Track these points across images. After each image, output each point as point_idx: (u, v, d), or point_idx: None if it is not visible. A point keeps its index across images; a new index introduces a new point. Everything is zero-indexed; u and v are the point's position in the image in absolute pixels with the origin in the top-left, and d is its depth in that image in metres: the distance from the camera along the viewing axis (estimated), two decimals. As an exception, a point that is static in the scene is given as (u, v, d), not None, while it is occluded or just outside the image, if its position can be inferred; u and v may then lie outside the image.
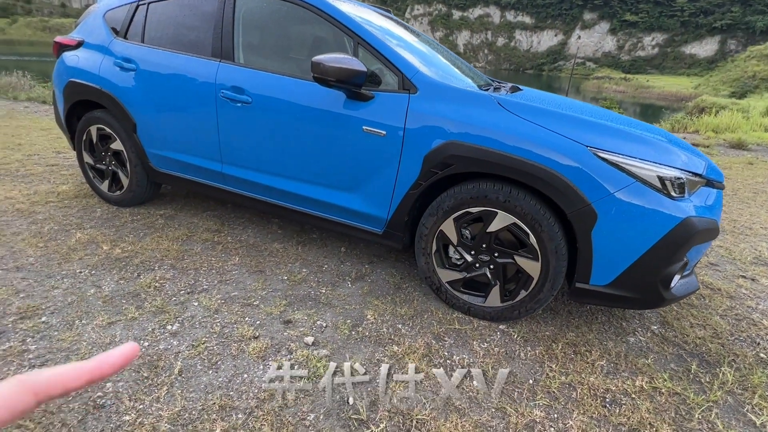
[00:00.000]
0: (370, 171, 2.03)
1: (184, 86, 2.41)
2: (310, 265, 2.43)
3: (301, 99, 2.11)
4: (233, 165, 2.40)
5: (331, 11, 2.09)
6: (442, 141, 1.83)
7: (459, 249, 1.97)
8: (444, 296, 2.07)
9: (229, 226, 2.83)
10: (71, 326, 1.76)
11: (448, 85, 1.94)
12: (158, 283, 2.12)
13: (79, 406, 1.39)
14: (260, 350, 1.70)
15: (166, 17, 2.56)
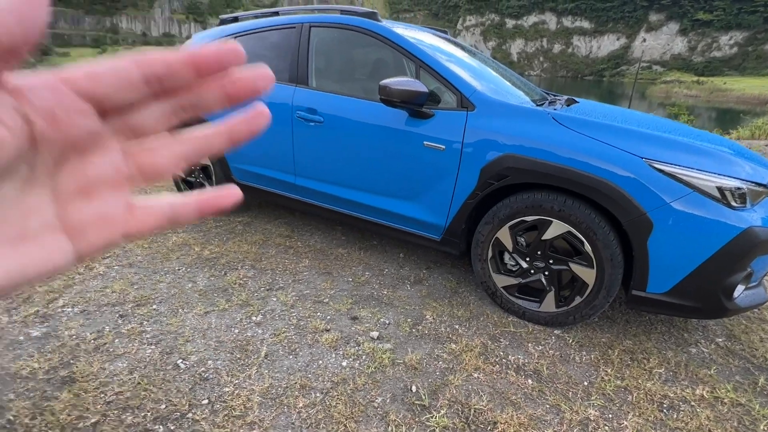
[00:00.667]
0: (429, 182, 2.21)
1: (264, 108, 2.74)
2: (372, 268, 2.64)
3: (367, 118, 2.34)
4: (305, 177, 2.69)
5: (395, 39, 2.32)
6: (498, 154, 1.97)
7: (514, 255, 2.08)
8: (499, 300, 2.18)
9: (299, 232, 3.13)
10: (176, 313, 2.09)
11: (504, 102, 2.08)
12: (242, 280, 2.42)
13: (189, 377, 1.68)
14: (332, 341, 1.92)
15: (249, 49, 2.91)
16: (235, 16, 3.21)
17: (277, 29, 2.79)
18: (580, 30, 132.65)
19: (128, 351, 1.81)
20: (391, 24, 2.54)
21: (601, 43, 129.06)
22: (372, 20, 2.44)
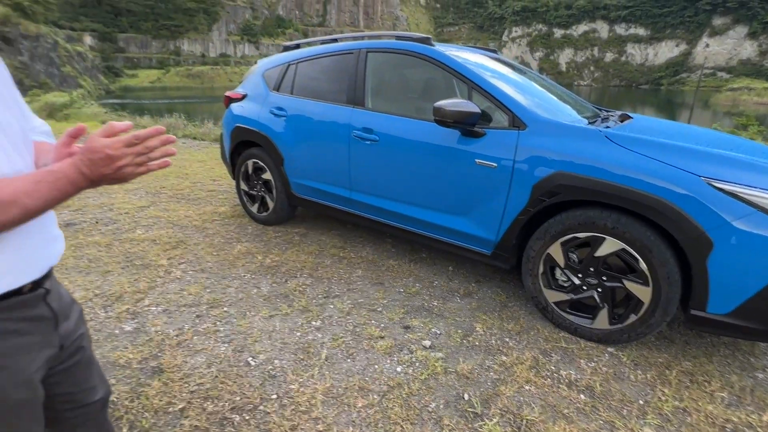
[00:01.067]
0: (481, 198, 2.29)
1: (323, 128, 2.96)
2: (422, 280, 2.73)
3: (420, 136, 2.47)
4: (360, 192, 2.85)
5: (448, 62, 2.45)
6: (549, 171, 2.02)
7: (566, 271, 2.10)
8: (550, 316, 2.20)
9: (351, 243, 3.30)
10: (245, 316, 2.30)
11: (555, 121, 2.13)
12: (301, 287, 2.61)
13: (259, 374, 1.85)
14: (386, 348, 2.03)
15: (310, 73, 3.17)
16: (297, 43, 3.49)
17: (336, 55, 3.01)
18: (635, 37, 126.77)
19: (205, 347, 2.02)
20: (443, 47, 2.67)
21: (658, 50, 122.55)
22: (426, 45, 2.58)
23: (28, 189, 0.68)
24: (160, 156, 0.79)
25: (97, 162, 0.73)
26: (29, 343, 0.80)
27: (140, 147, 0.76)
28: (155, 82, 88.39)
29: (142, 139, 0.76)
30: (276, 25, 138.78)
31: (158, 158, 0.79)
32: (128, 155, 0.75)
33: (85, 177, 0.74)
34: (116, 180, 0.77)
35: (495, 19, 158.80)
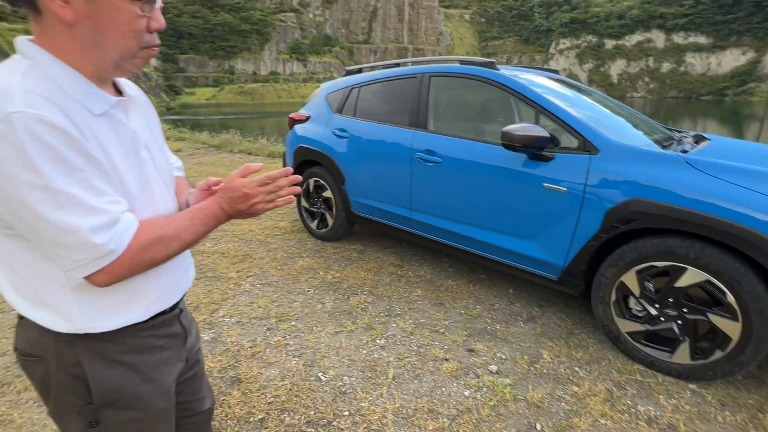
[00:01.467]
0: (548, 222, 2.26)
1: (385, 149, 3.05)
2: (483, 302, 2.72)
3: (484, 159, 2.49)
4: (421, 212, 2.90)
5: (514, 86, 2.46)
6: (624, 198, 1.97)
7: (641, 301, 2.02)
8: (623, 346, 2.12)
9: (408, 262, 3.34)
10: (311, 330, 2.39)
11: (630, 146, 2.08)
12: (363, 305, 2.67)
13: (330, 389, 1.92)
14: (452, 371, 2.04)
15: (372, 97, 3.29)
16: (359, 67, 3.64)
17: (398, 79, 3.11)
18: (695, 46, 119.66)
19: (278, 360, 2.12)
20: (507, 71, 2.69)
21: (722, 59, 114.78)
22: (491, 69, 2.62)
23: (186, 225, 0.78)
24: (286, 193, 0.87)
25: (235, 199, 0.83)
26: (168, 358, 0.90)
27: (271, 186, 0.85)
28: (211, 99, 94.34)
29: (273, 179, 0.85)
30: (323, 43, 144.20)
31: (285, 195, 0.87)
32: (261, 193, 0.84)
33: (225, 212, 0.84)
34: (249, 214, 0.86)
35: (541, 31, 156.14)
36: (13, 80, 0.62)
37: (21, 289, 0.74)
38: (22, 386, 1.90)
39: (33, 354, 0.77)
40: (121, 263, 0.68)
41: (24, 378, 1.94)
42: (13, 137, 0.59)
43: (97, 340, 0.77)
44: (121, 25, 0.69)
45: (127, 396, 0.82)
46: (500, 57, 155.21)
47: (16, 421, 1.71)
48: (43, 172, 0.60)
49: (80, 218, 0.63)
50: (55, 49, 0.68)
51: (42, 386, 0.80)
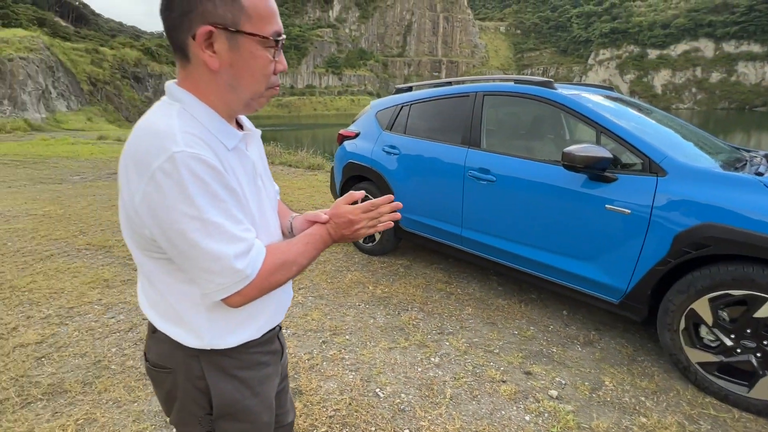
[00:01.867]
0: (610, 244, 2.21)
1: (436, 166, 3.08)
2: (536, 323, 2.67)
3: (541, 178, 2.47)
4: (473, 230, 2.90)
5: (574, 106, 2.44)
6: (696, 222, 1.90)
7: (714, 330, 1.93)
8: (693, 377, 2.02)
9: (456, 278, 3.33)
10: (365, 345, 2.42)
11: (701, 168, 2.01)
12: (414, 321, 2.69)
13: (388, 406, 1.94)
14: (510, 393, 2.01)
15: (423, 115, 3.35)
16: (409, 86, 3.71)
17: (450, 98, 3.15)
18: (748, 55, 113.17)
19: (335, 374, 2.17)
20: (564, 89, 2.67)
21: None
22: (548, 88, 2.61)
23: (302, 250, 0.84)
24: (387, 219, 0.92)
25: (341, 225, 0.88)
26: (271, 373, 0.96)
27: (374, 213, 0.90)
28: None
29: (376, 206, 0.89)
30: (358, 57, 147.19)
31: (385, 221, 0.92)
32: (365, 219, 0.89)
33: (331, 237, 0.89)
34: (352, 238, 0.91)
35: (580, 42, 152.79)
36: (173, 122, 0.70)
37: (158, 306, 0.81)
38: (102, 387, 2.03)
39: (164, 366, 0.84)
40: (253, 286, 0.75)
41: (103, 379, 2.08)
42: (176, 174, 0.66)
43: (218, 356, 0.84)
44: (256, 70, 0.76)
45: (240, 409, 0.87)
46: (536, 68, 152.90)
47: (99, 420, 1.84)
48: (198, 205, 0.67)
49: (226, 246, 0.70)
50: (198, 92, 0.76)
51: (168, 396, 0.87)
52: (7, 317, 2.65)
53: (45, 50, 28.22)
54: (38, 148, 13.13)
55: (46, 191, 6.80)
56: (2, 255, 3.68)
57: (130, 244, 0.78)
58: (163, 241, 0.71)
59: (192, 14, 0.69)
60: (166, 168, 0.66)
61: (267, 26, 0.73)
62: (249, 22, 0.71)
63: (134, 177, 0.68)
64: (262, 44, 0.74)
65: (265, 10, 0.73)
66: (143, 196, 0.67)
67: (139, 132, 0.71)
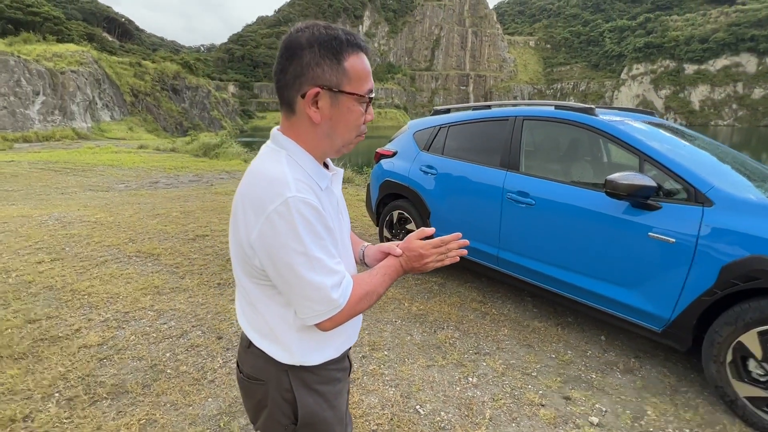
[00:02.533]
0: (653, 273, 2.21)
1: (475, 187, 3.15)
2: (574, 348, 2.67)
3: (582, 203, 2.50)
4: (509, 251, 2.94)
5: (617, 133, 2.47)
6: (745, 254, 1.90)
7: (764, 365, 1.90)
8: (741, 412, 1.99)
9: (491, 299, 3.36)
10: (404, 362, 2.49)
11: (750, 200, 2.01)
12: (451, 340, 2.73)
13: (429, 423, 1.99)
14: (550, 418, 2.03)
15: (462, 136, 3.43)
16: (447, 108, 3.81)
17: (490, 121, 3.23)
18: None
19: (376, 389, 2.24)
20: (606, 115, 2.70)
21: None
22: (590, 115, 2.65)
23: (380, 281, 0.93)
24: (455, 255, 1.00)
25: (412, 258, 0.97)
26: (342, 388, 1.05)
27: (443, 248, 0.98)
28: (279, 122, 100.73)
29: (446, 242, 0.98)
30: (386, 70, 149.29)
31: (453, 256, 1.00)
32: (434, 254, 0.97)
33: (403, 269, 0.98)
34: (421, 270, 1.00)
35: (612, 57, 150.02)
36: (285, 170, 0.81)
37: (257, 325, 0.92)
38: (160, 389, 2.17)
39: (258, 378, 0.95)
40: (342, 313, 0.84)
41: (160, 382, 2.22)
42: (288, 216, 0.77)
43: (304, 372, 0.94)
44: (350, 122, 0.87)
45: (319, 420, 0.96)
46: (566, 83, 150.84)
47: (159, 421, 1.97)
48: (305, 242, 0.78)
49: (325, 278, 0.80)
50: (299, 140, 0.87)
51: (258, 405, 0.97)
52: (71, 319, 2.87)
53: (93, 64, 30.07)
54: (85, 156, 13.95)
55: (96, 198, 7.24)
56: (62, 259, 3.97)
57: (237, 270, 0.89)
58: (272, 271, 0.81)
59: (303, 78, 0.81)
60: (281, 210, 0.77)
61: (363, 86, 0.84)
62: (349, 84, 0.82)
63: (251, 216, 0.80)
64: (357, 101, 0.85)
65: (362, 72, 0.84)
66: (259, 233, 0.79)
67: (255, 177, 0.83)
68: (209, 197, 7.46)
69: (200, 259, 4.07)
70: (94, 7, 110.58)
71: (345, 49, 0.81)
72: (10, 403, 2.03)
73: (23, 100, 23.17)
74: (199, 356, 2.48)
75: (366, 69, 0.85)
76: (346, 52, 0.81)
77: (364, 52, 0.85)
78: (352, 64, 0.82)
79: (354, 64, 0.82)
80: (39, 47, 28.09)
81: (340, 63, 0.81)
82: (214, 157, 15.70)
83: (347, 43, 0.81)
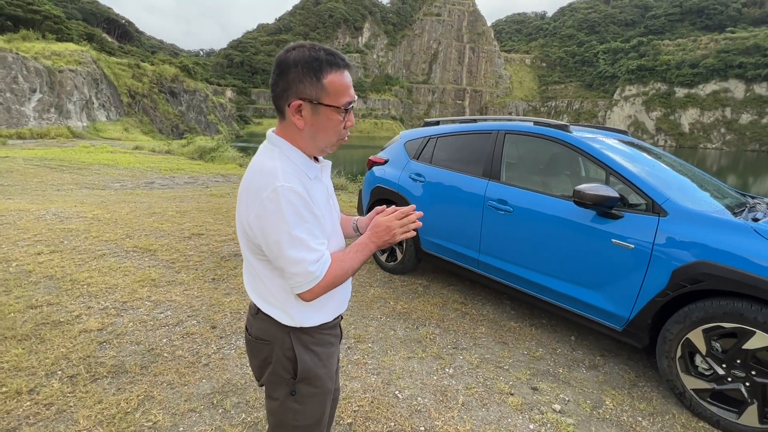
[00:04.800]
0: (614, 275, 2.43)
1: (459, 195, 3.37)
2: (545, 346, 2.87)
3: (554, 211, 2.72)
4: (489, 255, 3.15)
5: (586, 148, 2.71)
6: (692, 260, 2.12)
7: (708, 359, 2.11)
8: (688, 403, 2.19)
9: (472, 300, 3.56)
10: (386, 353, 2.67)
11: (699, 212, 2.24)
12: (431, 336, 2.92)
13: (406, 406, 2.17)
14: (517, 405, 2.22)
15: (449, 147, 3.66)
16: (437, 120, 4.05)
17: (475, 134, 3.46)
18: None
19: (358, 376, 2.41)
20: (579, 132, 2.95)
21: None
22: (564, 131, 2.89)
23: (354, 257, 1.11)
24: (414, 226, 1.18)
25: (380, 233, 1.15)
26: (334, 352, 1.23)
27: (405, 219, 1.17)
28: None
29: (405, 214, 1.16)
30: (384, 82, 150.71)
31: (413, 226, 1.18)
32: (398, 225, 1.15)
33: (375, 244, 1.16)
34: (390, 243, 1.17)
35: (605, 77, 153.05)
36: (275, 164, 1.01)
37: (262, 293, 1.11)
38: (157, 370, 2.33)
39: (264, 339, 1.13)
40: (320, 285, 1.02)
41: (157, 364, 2.38)
42: (277, 201, 0.96)
43: (302, 333, 1.12)
44: (330, 128, 1.06)
45: (313, 375, 1.14)
46: (560, 101, 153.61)
47: (156, 397, 2.12)
48: (289, 223, 0.97)
49: (305, 254, 0.99)
50: (290, 140, 1.08)
51: (263, 362, 1.15)
52: (71, 306, 3.01)
53: (92, 63, 30.16)
54: (81, 154, 14.01)
55: (92, 196, 7.35)
56: (61, 252, 4.10)
57: (243, 248, 1.09)
58: (265, 247, 1.01)
59: (289, 91, 1.01)
60: (272, 197, 0.97)
61: (341, 99, 1.03)
62: (327, 97, 1.02)
63: (251, 202, 1.00)
64: (336, 111, 1.04)
65: (339, 87, 1.03)
66: (255, 215, 0.99)
67: (253, 169, 1.03)
68: (204, 198, 7.61)
69: (195, 256, 4.23)
70: (95, 8, 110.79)
71: (324, 68, 1.00)
72: (16, 378, 2.17)
73: (19, 96, 23.18)
74: (194, 342, 2.64)
75: (344, 84, 1.03)
76: (325, 70, 1.00)
77: (344, 68, 1.04)
78: (331, 81, 1.01)
79: (332, 81, 1.02)
80: (38, 45, 28.18)
81: (320, 80, 1.00)
82: (210, 161, 15.83)
83: (327, 62, 1.00)
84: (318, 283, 1.02)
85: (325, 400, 1.19)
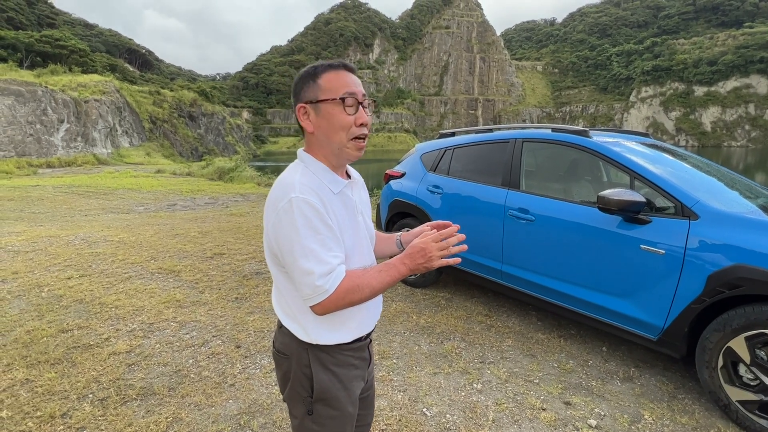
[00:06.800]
0: (645, 283, 2.34)
1: (478, 205, 3.33)
2: (576, 358, 2.77)
3: (579, 219, 2.66)
4: (512, 265, 3.09)
5: (609, 153, 2.66)
6: (728, 264, 2.03)
7: (753, 369, 2.00)
8: (734, 416, 2.07)
9: (496, 312, 3.48)
10: (412, 369, 2.62)
11: (733, 214, 2.15)
12: (457, 350, 2.86)
13: (435, 424, 2.11)
14: (551, 420, 2.14)
15: (466, 158, 3.64)
16: (452, 131, 4.04)
17: (492, 143, 3.44)
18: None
19: (385, 393, 2.37)
20: (599, 137, 2.89)
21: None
22: (584, 137, 2.84)
23: (373, 276, 1.06)
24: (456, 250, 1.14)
25: (415, 256, 1.12)
26: (359, 375, 1.20)
27: (443, 243, 1.14)
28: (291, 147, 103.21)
29: (444, 237, 1.14)
30: (396, 96, 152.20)
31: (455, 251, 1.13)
32: (435, 248, 1.12)
33: (407, 267, 1.13)
34: (427, 267, 1.14)
35: (620, 80, 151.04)
36: (295, 177, 1.03)
37: (282, 306, 1.11)
38: (185, 392, 2.34)
39: (284, 353, 1.12)
40: (330, 300, 0.99)
41: (185, 385, 2.39)
42: (290, 211, 0.97)
43: (320, 351, 1.11)
44: (335, 124, 1.05)
45: (332, 397, 1.12)
46: (575, 106, 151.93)
47: (184, 419, 2.13)
48: (300, 234, 0.96)
49: (315, 265, 0.97)
50: (313, 153, 1.09)
51: (284, 376, 1.14)
52: (100, 329, 3.07)
53: (115, 92, 31.43)
54: (106, 180, 14.51)
55: (117, 220, 7.58)
56: (90, 276, 4.21)
57: (268, 259, 1.09)
58: (280, 256, 1.01)
59: (296, 101, 1.07)
60: (286, 207, 0.97)
61: (337, 91, 1.03)
62: (323, 94, 1.04)
63: (270, 212, 1.02)
64: (335, 104, 1.03)
65: (335, 82, 1.04)
66: (272, 225, 1.00)
67: (276, 184, 1.05)
68: (225, 218, 7.75)
69: (218, 276, 4.28)
70: (117, 40, 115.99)
71: (320, 71, 1.04)
72: (50, 402, 2.21)
73: (48, 127, 24.26)
74: (219, 363, 2.65)
75: (340, 79, 1.04)
76: (320, 73, 1.04)
77: (341, 68, 1.06)
78: (326, 79, 1.04)
79: (328, 78, 1.04)
80: (65, 78, 29.56)
81: (316, 81, 1.04)
82: (229, 181, 16.18)
83: (323, 66, 1.05)
84: (328, 297, 0.98)
85: (344, 424, 1.15)
